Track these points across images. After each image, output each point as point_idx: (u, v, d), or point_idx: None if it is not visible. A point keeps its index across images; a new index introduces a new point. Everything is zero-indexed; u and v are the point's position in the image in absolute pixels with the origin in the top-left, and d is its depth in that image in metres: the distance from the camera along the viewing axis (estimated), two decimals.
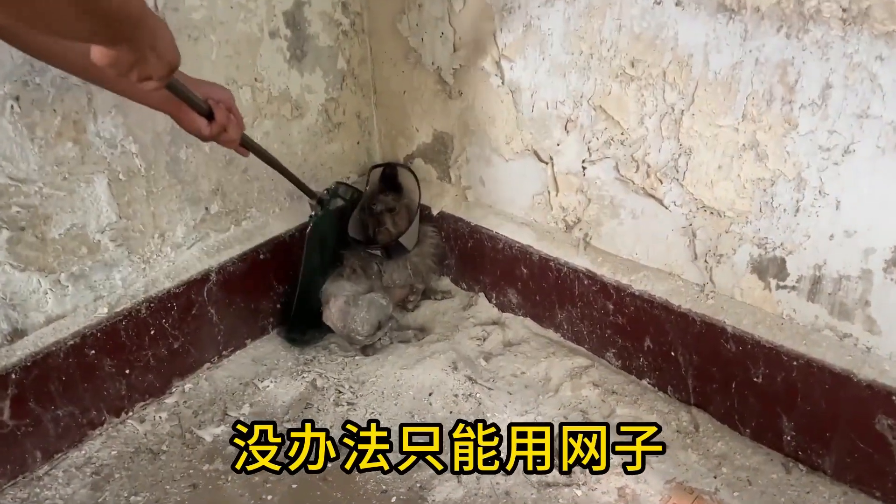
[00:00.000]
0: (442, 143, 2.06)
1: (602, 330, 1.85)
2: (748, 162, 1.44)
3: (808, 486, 1.53)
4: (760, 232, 1.48)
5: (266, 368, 1.96)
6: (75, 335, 1.62)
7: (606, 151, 1.67)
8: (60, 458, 1.67)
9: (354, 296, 1.95)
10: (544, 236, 1.91)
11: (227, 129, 1.12)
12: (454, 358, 1.93)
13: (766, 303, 1.54)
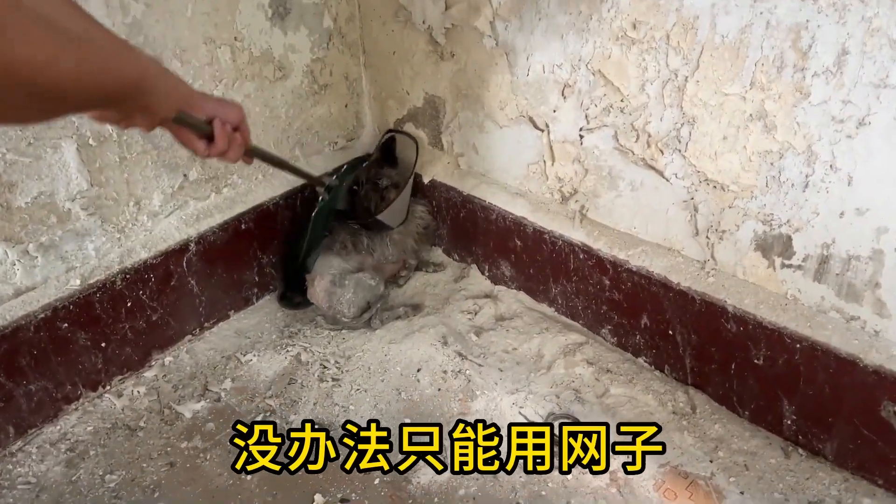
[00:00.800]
0: (434, 108, 1.97)
1: (598, 306, 1.78)
2: (755, 133, 1.35)
3: (808, 472, 1.47)
4: (766, 208, 1.40)
5: (249, 341, 1.89)
6: (46, 308, 1.55)
7: (605, 119, 1.58)
8: (34, 433, 1.62)
9: (341, 275, 1.88)
10: (539, 207, 1.82)
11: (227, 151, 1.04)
12: (444, 332, 1.86)
13: (770, 282, 1.46)
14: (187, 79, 1.65)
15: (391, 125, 2.12)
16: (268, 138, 1.90)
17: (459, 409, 1.67)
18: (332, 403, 1.69)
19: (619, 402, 1.66)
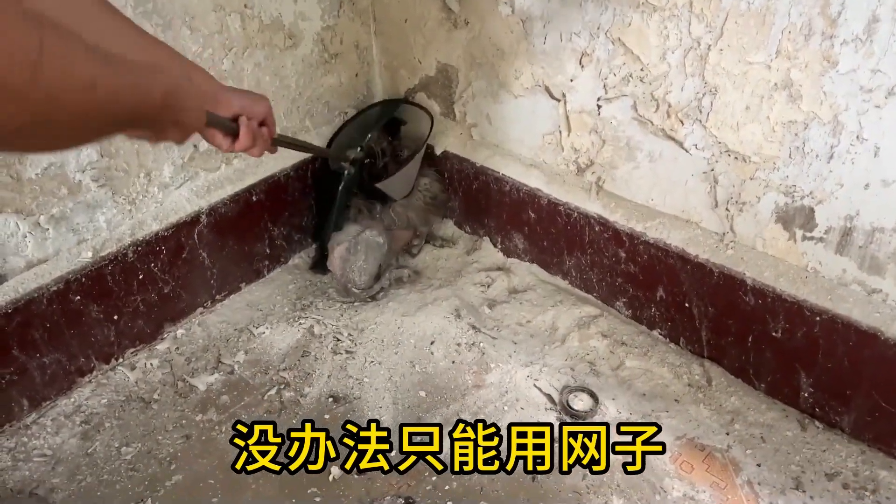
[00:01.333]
0: (446, 77, 1.93)
1: (613, 278, 1.77)
2: (779, 103, 1.32)
3: (825, 444, 1.47)
4: (788, 179, 1.38)
5: (262, 314, 1.88)
6: (58, 280, 1.54)
7: (624, 89, 1.55)
8: (49, 406, 1.61)
9: (355, 240, 1.86)
10: (554, 179, 1.80)
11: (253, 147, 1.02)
12: (457, 305, 1.85)
13: (791, 254, 1.45)
14: (196, 48, 1.62)
15: (402, 95, 2.09)
16: (278, 108, 1.87)
17: (474, 381, 1.67)
18: (347, 376, 1.69)
19: (635, 375, 1.66)
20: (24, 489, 1.44)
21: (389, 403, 1.62)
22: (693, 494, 1.40)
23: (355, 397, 1.64)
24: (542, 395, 1.62)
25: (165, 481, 1.46)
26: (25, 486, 1.45)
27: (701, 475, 1.43)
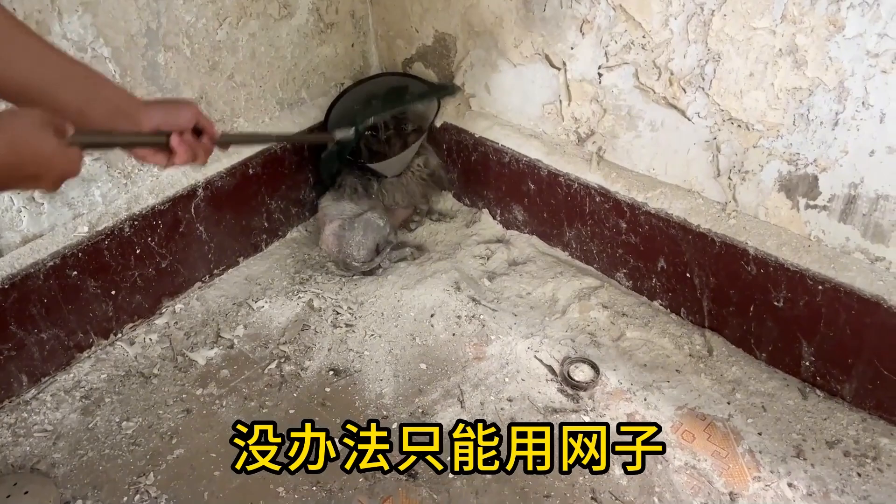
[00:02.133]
0: (444, 46, 1.90)
1: (613, 249, 1.76)
2: (784, 69, 1.30)
3: (826, 413, 1.47)
4: (792, 147, 1.36)
5: (260, 288, 1.87)
6: (55, 255, 1.52)
7: (625, 56, 1.52)
8: (48, 381, 1.61)
9: (350, 218, 1.84)
10: (554, 150, 1.78)
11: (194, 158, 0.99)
12: (457, 278, 1.84)
13: (793, 223, 1.44)
14: (189, 18, 1.59)
15: (399, 65, 2.06)
16: (273, 79, 1.84)
17: (474, 353, 1.66)
18: (347, 349, 1.68)
19: (635, 346, 1.65)
20: (25, 464, 1.44)
21: (390, 376, 1.62)
22: (694, 463, 1.40)
23: (356, 370, 1.63)
24: (542, 366, 1.62)
25: (167, 455, 1.46)
26: (27, 461, 1.45)
27: (702, 444, 1.43)
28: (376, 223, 1.85)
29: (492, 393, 1.56)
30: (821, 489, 1.34)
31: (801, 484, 1.35)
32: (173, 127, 0.95)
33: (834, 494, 1.33)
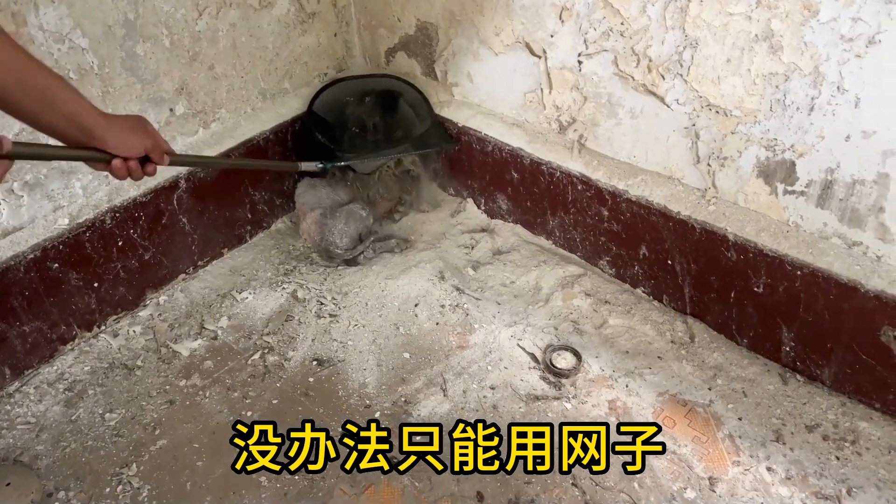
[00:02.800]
0: (426, 35, 1.90)
1: (596, 237, 1.76)
2: (760, 54, 1.30)
3: (805, 397, 1.48)
4: (770, 133, 1.36)
5: (244, 279, 1.87)
6: (35, 248, 1.52)
7: (605, 44, 1.52)
8: (31, 374, 1.61)
9: (332, 207, 1.84)
10: (536, 138, 1.78)
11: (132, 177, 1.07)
12: (441, 267, 1.85)
13: (772, 209, 1.44)
14: (168, 7, 1.58)
15: (382, 54, 2.05)
16: (255, 70, 1.84)
17: (458, 342, 1.67)
18: (331, 339, 1.69)
19: (618, 333, 1.66)
20: (8, 456, 1.44)
21: (374, 365, 1.62)
22: (675, 448, 1.41)
23: (339, 360, 1.64)
24: (525, 354, 1.62)
25: (150, 446, 1.46)
26: (10, 453, 1.45)
27: (683, 430, 1.44)
28: (358, 213, 1.85)
29: (474, 381, 1.57)
30: (799, 473, 1.35)
31: (779, 468, 1.36)
32: (121, 153, 1.02)
33: (812, 478, 1.34)
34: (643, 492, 1.34)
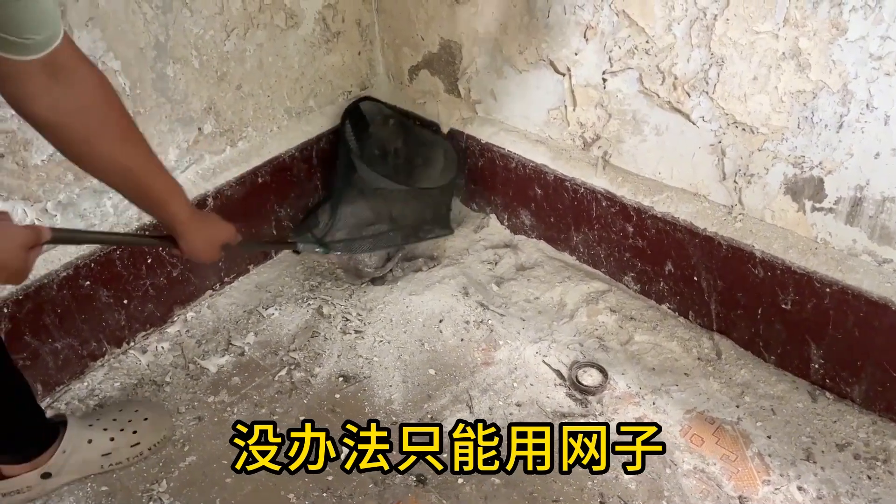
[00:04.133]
0: (449, 53, 1.91)
1: (620, 253, 1.76)
2: (788, 72, 1.30)
3: (836, 415, 1.47)
4: (797, 150, 1.36)
5: (270, 295, 1.89)
6: (67, 266, 1.54)
7: (629, 62, 1.53)
8: (62, 390, 1.63)
9: (358, 226, 1.86)
10: (560, 154, 1.79)
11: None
12: (465, 283, 1.85)
13: (800, 226, 1.44)
14: (197, 30, 1.61)
15: (405, 72, 2.07)
16: (281, 89, 1.86)
17: (483, 358, 1.67)
18: (356, 355, 1.70)
19: (644, 350, 1.66)
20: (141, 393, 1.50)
21: (399, 382, 1.63)
22: (703, 467, 1.40)
23: (365, 376, 1.65)
24: (551, 370, 1.62)
25: (179, 462, 1.48)
26: None
27: (711, 448, 1.43)
28: (387, 234, 1.86)
29: (500, 398, 1.57)
30: (831, 492, 1.33)
31: (810, 487, 1.35)
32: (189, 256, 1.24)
33: (844, 498, 1.32)
34: None
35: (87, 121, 0.96)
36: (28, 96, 0.91)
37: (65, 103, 0.93)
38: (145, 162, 1.07)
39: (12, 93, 0.91)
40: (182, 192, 1.15)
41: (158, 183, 1.10)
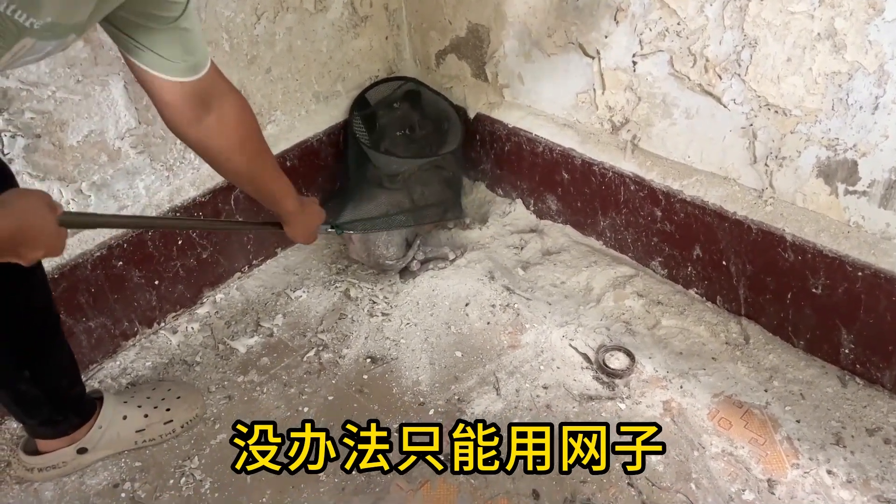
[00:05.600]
0: (477, 37, 1.91)
1: (648, 238, 1.76)
2: (822, 53, 1.29)
3: (866, 400, 1.46)
4: (831, 132, 1.35)
5: (298, 278, 1.90)
6: (101, 246, 1.57)
7: (660, 44, 1.52)
8: (96, 368, 1.66)
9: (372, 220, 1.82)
10: (588, 138, 1.78)
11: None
12: (491, 267, 1.86)
13: (832, 209, 1.43)
14: (228, 13, 1.62)
15: (432, 57, 2.07)
16: (309, 72, 1.87)
17: (509, 341, 1.68)
18: (384, 337, 1.71)
19: (671, 334, 1.65)
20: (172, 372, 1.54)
21: (426, 364, 1.64)
22: (731, 450, 1.40)
23: (392, 358, 1.66)
24: (577, 354, 1.63)
25: (210, 440, 1.50)
26: None
27: (739, 431, 1.43)
28: (399, 219, 1.84)
29: (527, 380, 1.58)
30: (860, 476, 1.33)
31: (840, 471, 1.34)
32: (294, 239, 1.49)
33: (874, 481, 1.32)
34: (700, 493, 1.34)
35: (231, 142, 1.13)
36: (184, 122, 1.06)
37: (214, 127, 1.09)
38: (271, 170, 1.25)
39: (171, 117, 1.06)
40: (293, 191, 1.33)
41: (278, 185, 1.29)
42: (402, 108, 2.00)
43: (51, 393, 1.33)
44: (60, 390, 1.36)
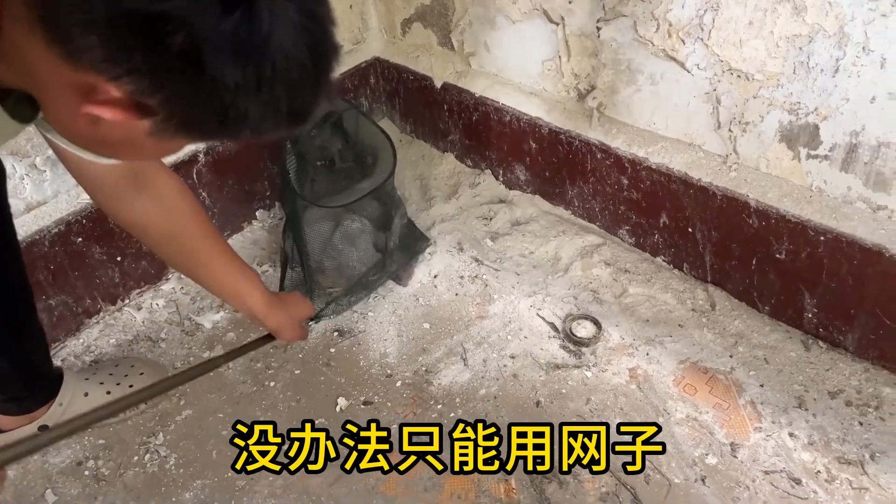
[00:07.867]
0: (442, 5, 1.88)
1: (615, 206, 1.75)
2: (783, 16, 1.28)
3: (828, 364, 1.47)
4: (793, 96, 1.34)
5: (265, 252, 1.88)
6: (59, 222, 1.54)
7: (623, 9, 1.50)
8: (58, 347, 1.64)
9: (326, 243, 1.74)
10: (555, 107, 1.77)
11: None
12: (459, 238, 1.85)
13: (795, 174, 1.42)
14: None
15: (398, 26, 2.04)
16: None
17: (477, 312, 1.67)
18: (351, 311, 1.70)
19: (638, 302, 1.66)
20: (136, 350, 1.53)
21: (394, 336, 1.63)
22: (696, 416, 1.41)
23: (360, 331, 1.65)
24: (545, 323, 1.63)
25: (175, 416, 1.49)
26: None
27: (704, 397, 1.44)
28: (355, 227, 1.77)
29: (494, 350, 1.57)
30: (822, 438, 1.34)
31: (802, 433, 1.35)
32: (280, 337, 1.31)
33: (835, 443, 1.33)
34: (664, 458, 1.35)
35: (170, 223, 1.07)
36: (116, 202, 1.02)
37: (149, 208, 1.04)
38: (221, 255, 1.18)
39: (102, 200, 1.03)
40: (258, 284, 1.21)
41: (234, 275, 1.19)
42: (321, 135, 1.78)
43: (22, 369, 1.31)
44: (31, 366, 1.34)
